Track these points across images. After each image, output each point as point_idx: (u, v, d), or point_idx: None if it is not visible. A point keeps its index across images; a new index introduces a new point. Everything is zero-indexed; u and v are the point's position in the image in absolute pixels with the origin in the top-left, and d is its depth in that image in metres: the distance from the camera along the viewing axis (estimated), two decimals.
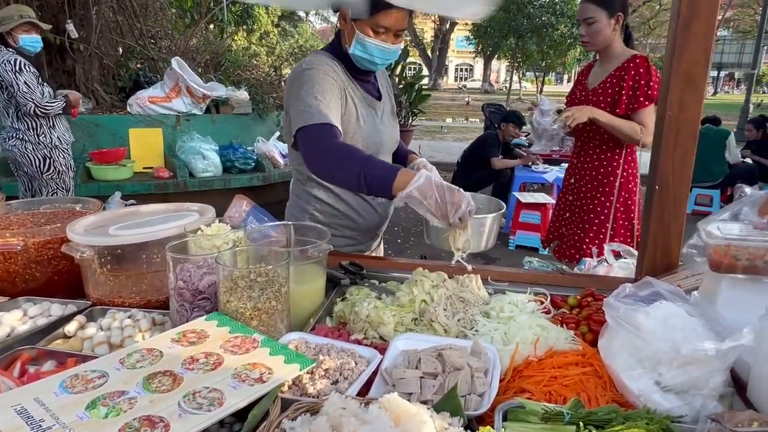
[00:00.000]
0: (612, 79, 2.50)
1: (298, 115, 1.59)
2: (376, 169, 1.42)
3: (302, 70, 1.65)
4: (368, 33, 1.60)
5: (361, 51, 1.63)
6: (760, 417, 0.84)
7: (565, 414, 0.83)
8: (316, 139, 1.54)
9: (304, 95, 1.59)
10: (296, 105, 1.61)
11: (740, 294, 1.11)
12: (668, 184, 1.35)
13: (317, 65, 1.64)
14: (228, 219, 1.50)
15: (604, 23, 2.38)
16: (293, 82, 1.66)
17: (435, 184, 1.31)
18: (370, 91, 1.81)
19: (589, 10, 2.39)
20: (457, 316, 1.29)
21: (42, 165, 3.97)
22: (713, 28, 1.27)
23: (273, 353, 1.00)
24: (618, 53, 2.51)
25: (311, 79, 1.61)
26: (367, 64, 1.68)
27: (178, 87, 5.21)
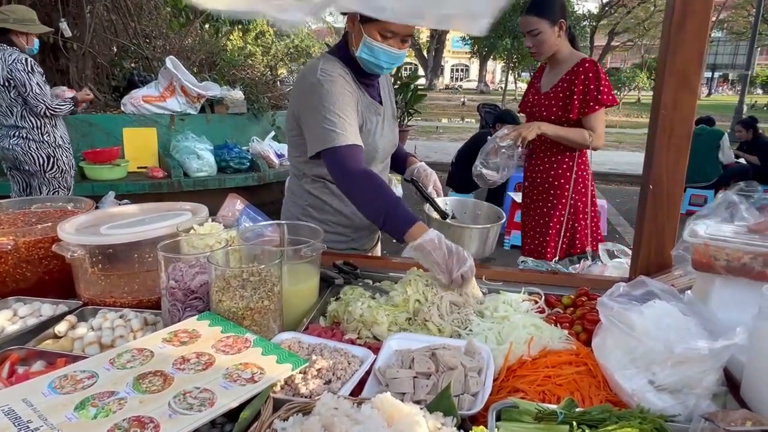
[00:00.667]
0: (563, 83, 2.52)
1: (322, 132, 1.58)
2: (397, 216, 1.47)
3: (318, 82, 1.61)
4: (376, 37, 1.59)
5: (368, 54, 1.62)
6: (754, 416, 0.84)
7: (558, 413, 0.83)
8: (347, 161, 1.57)
9: (326, 112, 1.58)
10: (317, 120, 1.60)
11: (733, 293, 1.11)
12: (662, 183, 1.35)
13: (334, 77, 1.63)
14: (221, 218, 1.49)
15: (548, 33, 2.41)
16: (310, 93, 1.63)
17: (444, 242, 1.36)
18: (374, 96, 1.80)
19: (531, 23, 2.41)
20: (451, 315, 1.28)
21: (45, 163, 3.96)
22: (707, 27, 1.27)
23: (265, 353, 0.99)
24: (566, 57, 2.54)
25: (331, 93, 1.60)
26: (374, 68, 1.67)
27: (172, 86, 5.18)
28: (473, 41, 26.80)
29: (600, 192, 9.24)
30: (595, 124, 2.50)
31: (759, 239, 1.07)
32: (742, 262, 1.10)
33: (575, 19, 24.13)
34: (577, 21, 24.36)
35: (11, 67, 3.71)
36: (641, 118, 25.07)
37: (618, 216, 7.50)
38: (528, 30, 2.43)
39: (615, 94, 2.50)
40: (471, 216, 1.87)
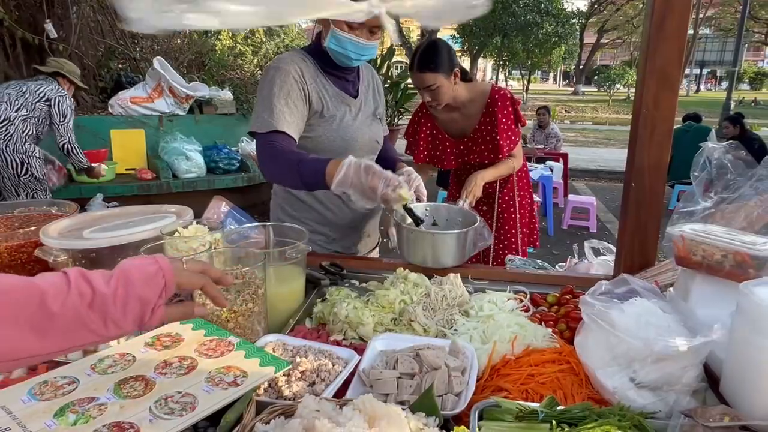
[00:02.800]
0: (484, 125, 2.43)
1: (255, 115, 1.67)
2: (308, 170, 1.52)
3: (269, 68, 1.70)
4: (343, 28, 1.61)
5: (336, 45, 1.65)
6: (732, 412, 0.85)
7: (539, 412, 0.84)
8: (265, 148, 1.64)
9: (263, 97, 1.65)
10: (256, 104, 1.69)
11: (713, 289, 1.12)
12: (644, 180, 1.37)
13: (283, 64, 1.68)
14: (206, 221, 1.48)
15: (445, 84, 2.30)
16: (261, 78, 1.73)
17: (354, 171, 1.42)
18: (346, 89, 1.80)
19: (427, 79, 2.28)
20: (436, 315, 1.28)
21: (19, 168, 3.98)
22: (686, 26, 1.28)
23: (248, 356, 0.99)
24: (468, 97, 2.42)
25: (273, 80, 1.65)
26: (343, 59, 1.69)
27: (160, 87, 5.15)
28: (464, 40, 26.85)
29: (589, 189, 9.31)
30: (516, 150, 2.50)
31: (733, 236, 1.08)
32: (715, 259, 1.11)
33: (564, 17, 24.24)
34: (566, 18, 24.46)
35: (59, 96, 4.14)
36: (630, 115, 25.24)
37: (607, 213, 7.55)
38: (425, 86, 2.30)
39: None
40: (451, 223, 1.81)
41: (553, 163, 7.26)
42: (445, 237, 1.57)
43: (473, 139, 2.48)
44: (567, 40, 25.58)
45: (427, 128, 2.57)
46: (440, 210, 1.81)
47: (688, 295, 1.15)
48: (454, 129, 2.53)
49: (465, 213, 1.79)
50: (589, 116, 25.23)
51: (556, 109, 22.49)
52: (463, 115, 2.47)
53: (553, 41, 24.17)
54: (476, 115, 2.44)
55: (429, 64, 2.26)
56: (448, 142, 2.55)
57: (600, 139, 16.45)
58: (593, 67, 39.44)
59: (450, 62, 2.29)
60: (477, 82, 2.55)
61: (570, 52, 29.59)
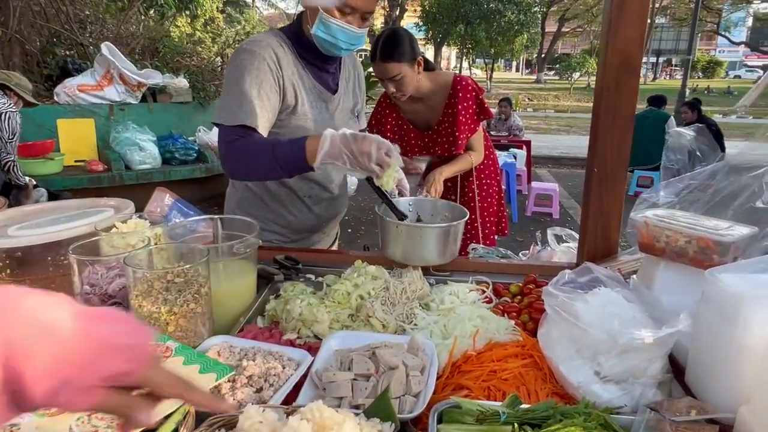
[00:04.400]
0: (446, 117, 2.38)
1: (221, 105, 1.50)
2: (284, 151, 1.38)
3: (241, 50, 1.52)
4: (333, 13, 1.45)
5: (324, 32, 1.48)
6: (698, 404, 0.82)
7: (501, 413, 0.78)
8: (230, 142, 1.47)
9: (231, 84, 1.48)
10: (223, 91, 1.52)
11: (676, 277, 1.09)
12: (606, 165, 1.33)
13: (257, 48, 1.50)
14: (147, 214, 1.38)
15: (409, 74, 2.22)
16: (230, 61, 1.54)
17: (341, 140, 1.30)
18: (325, 83, 1.66)
19: (392, 70, 2.19)
20: (395, 310, 1.22)
21: None
22: (647, 6, 1.24)
23: (187, 362, 0.90)
24: (431, 87, 2.36)
25: (243, 65, 1.48)
26: (331, 48, 1.53)
27: (109, 74, 4.90)
28: (428, 27, 26.79)
29: (552, 176, 9.44)
30: (476, 144, 2.44)
31: (696, 221, 1.05)
32: (678, 245, 1.08)
33: (526, 5, 24.46)
34: (528, 7, 24.69)
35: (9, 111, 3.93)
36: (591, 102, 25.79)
37: (570, 199, 7.66)
38: (389, 77, 2.22)
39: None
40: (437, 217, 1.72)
41: (516, 151, 7.31)
42: (432, 231, 1.43)
43: (438, 132, 2.42)
44: (529, 28, 25.84)
45: (392, 119, 2.49)
46: (424, 204, 1.72)
47: (652, 282, 1.12)
48: (419, 120, 2.46)
49: (452, 207, 1.71)
50: (551, 104, 25.62)
51: (519, 98, 22.75)
52: (426, 106, 2.40)
53: (516, 29, 24.38)
54: (440, 106, 2.37)
55: (392, 53, 2.17)
56: (413, 134, 2.48)
57: (562, 127, 16.73)
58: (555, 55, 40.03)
59: (413, 51, 2.21)
60: (440, 71, 2.46)
61: (532, 40, 29.93)
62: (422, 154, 2.49)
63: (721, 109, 19.69)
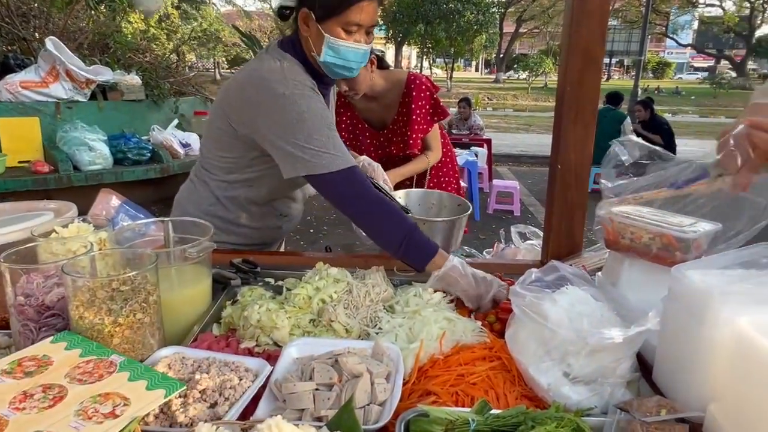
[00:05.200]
0: (401, 116, 2.34)
1: (310, 155, 1.32)
2: (417, 245, 1.31)
3: (291, 95, 1.33)
4: (340, 34, 1.35)
5: (334, 57, 1.38)
6: (667, 403, 0.81)
7: (470, 421, 0.75)
8: (354, 185, 1.34)
9: (311, 131, 1.32)
10: (298, 140, 1.32)
11: (642, 273, 1.09)
12: (570, 162, 1.32)
13: (307, 90, 1.37)
14: (91, 218, 1.28)
15: (362, 73, 2.11)
16: (279, 108, 1.34)
17: (467, 269, 1.26)
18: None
19: None
20: (359, 314, 1.17)
21: None
22: (608, 3, 1.24)
23: (133, 378, 0.83)
24: (385, 85, 2.30)
25: (311, 109, 1.34)
26: (342, 72, 1.43)
27: (55, 70, 4.65)
28: (388, 27, 26.80)
29: (512, 173, 9.58)
30: (433, 143, 2.41)
31: (661, 218, 1.05)
32: (642, 242, 1.07)
33: (485, 6, 24.79)
34: (486, 7, 25.04)
35: None
36: (549, 102, 26.39)
37: (530, 196, 7.78)
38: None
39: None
40: (437, 209, 1.73)
41: (477, 149, 7.37)
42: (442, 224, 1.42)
43: (392, 131, 2.37)
44: (487, 28, 26.19)
45: (347, 118, 2.43)
46: (409, 195, 1.71)
47: (618, 279, 1.11)
48: (374, 119, 2.41)
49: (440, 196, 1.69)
50: (510, 103, 26.06)
51: (479, 96, 23.04)
52: (381, 105, 2.35)
53: (475, 29, 24.68)
54: (394, 104, 2.32)
55: None
56: (368, 133, 2.42)
57: (521, 125, 17.03)
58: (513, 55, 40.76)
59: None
60: (394, 69, 2.41)
61: (491, 40, 30.35)
62: (378, 154, 2.43)
63: (670, 108, 20.50)
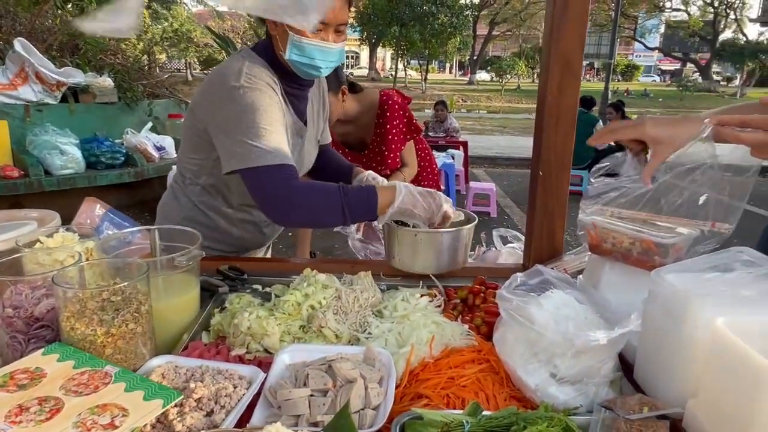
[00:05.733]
0: (377, 137, 2.36)
1: (243, 149, 1.31)
2: (356, 197, 1.35)
3: (242, 88, 1.34)
4: (304, 32, 1.35)
5: (299, 55, 1.38)
6: (649, 400, 0.85)
7: (464, 423, 0.78)
8: (278, 182, 1.32)
9: (250, 124, 1.32)
10: (237, 133, 1.32)
11: (621, 277, 1.13)
12: (550, 168, 1.36)
13: (260, 85, 1.36)
14: (76, 227, 1.27)
15: (334, 102, 2.19)
16: (229, 101, 1.35)
17: (415, 192, 1.36)
18: (301, 114, 1.57)
19: None
20: (348, 319, 1.19)
21: None
22: (587, 13, 1.28)
23: (129, 389, 0.83)
24: (359, 109, 2.35)
25: (256, 103, 1.34)
26: (309, 70, 1.43)
27: (24, 72, 4.54)
28: (362, 28, 26.84)
29: (488, 175, 9.70)
30: (409, 158, 2.45)
31: (642, 223, 1.09)
32: (623, 246, 1.12)
33: (458, 8, 25.04)
34: (460, 10, 25.29)
35: None
36: (521, 103, 26.80)
37: (506, 198, 7.90)
38: None
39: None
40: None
41: (454, 151, 7.45)
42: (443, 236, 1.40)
43: (372, 150, 2.40)
44: (461, 31, 26.46)
45: None
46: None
47: (599, 282, 1.16)
48: (353, 141, 2.43)
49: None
50: (484, 105, 26.37)
51: (454, 98, 23.25)
52: (357, 127, 2.37)
53: (449, 32, 24.90)
54: (370, 125, 2.35)
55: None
56: (350, 157, 2.42)
57: (495, 127, 17.25)
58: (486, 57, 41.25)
59: (337, 80, 2.18)
60: (366, 90, 2.41)
61: (464, 42, 30.66)
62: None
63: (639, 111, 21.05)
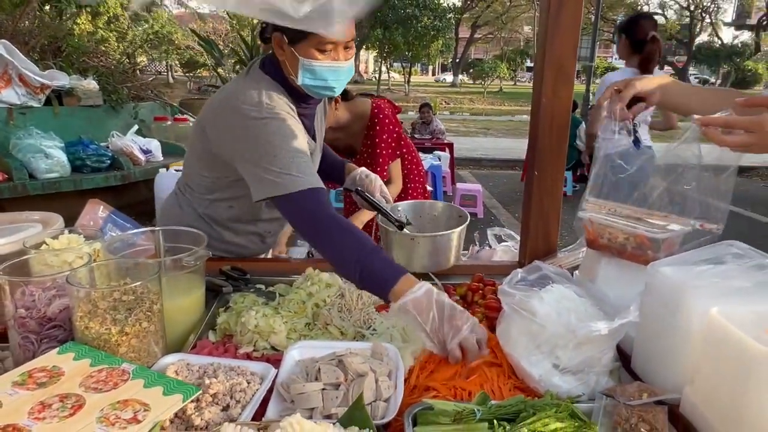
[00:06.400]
0: (366, 147, 2.40)
1: (275, 176, 1.28)
2: (376, 269, 1.16)
3: (263, 119, 1.32)
4: (314, 55, 1.33)
5: (312, 79, 1.36)
6: (647, 387, 0.89)
7: (476, 411, 0.81)
8: (313, 206, 1.28)
9: (277, 152, 1.29)
10: (265, 162, 1.29)
11: (617, 270, 1.18)
12: (546, 168, 1.41)
13: (281, 114, 1.34)
14: (81, 228, 1.28)
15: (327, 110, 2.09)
16: (251, 132, 1.32)
17: (436, 300, 1.07)
18: (309, 130, 1.55)
19: None
20: (353, 316, 1.22)
21: None
22: (580, 17, 1.33)
23: (148, 385, 0.85)
24: (350, 116, 2.35)
25: (280, 132, 1.32)
26: (323, 92, 1.42)
27: (7, 75, 4.47)
28: None
29: (474, 176, 9.79)
30: (394, 175, 2.46)
31: (636, 221, 1.14)
32: (618, 242, 1.17)
33: (441, 11, 25.18)
34: (443, 13, 25.44)
35: None
36: (504, 106, 27.04)
37: (492, 199, 7.98)
38: None
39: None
40: (428, 219, 1.70)
41: (440, 153, 7.51)
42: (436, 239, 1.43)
43: (363, 158, 2.42)
44: (444, 33, 26.62)
45: None
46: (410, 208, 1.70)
47: (595, 277, 1.20)
48: (342, 147, 2.43)
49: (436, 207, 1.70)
50: (467, 107, 26.55)
51: (437, 101, 23.38)
52: (347, 134, 2.39)
53: (432, 35, 25.04)
54: (359, 134, 2.37)
55: None
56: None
57: (479, 129, 17.38)
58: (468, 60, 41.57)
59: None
60: (357, 99, 2.41)
61: (447, 45, 30.84)
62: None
63: None
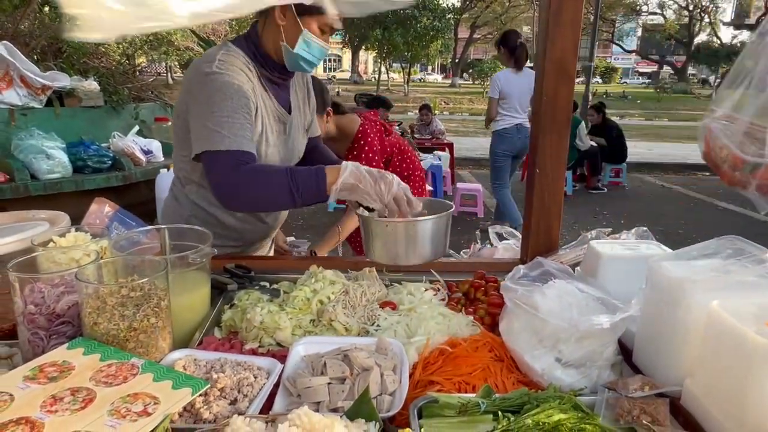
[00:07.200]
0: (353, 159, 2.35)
1: (206, 132, 1.36)
2: (304, 177, 1.33)
3: (212, 73, 1.38)
4: (316, 31, 1.44)
5: (306, 51, 1.45)
6: (649, 381, 0.91)
7: (480, 403, 0.82)
8: (229, 168, 1.35)
9: (214, 108, 1.36)
10: (203, 117, 1.37)
11: (617, 268, 1.19)
12: (546, 166, 1.43)
13: (230, 71, 1.40)
14: (87, 226, 1.29)
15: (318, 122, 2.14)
16: (200, 85, 1.40)
17: (365, 168, 1.31)
18: (284, 101, 1.61)
19: None
20: (357, 313, 1.24)
21: None
22: (580, 16, 1.35)
23: (157, 379, 0.87)
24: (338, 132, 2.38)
25: (223, 89, 1.38)
26: (305, 65, 1.51)
27: (8, 76, 4.48)
28: (345, 31, 26.87)
29: (473, 176, 9.80)
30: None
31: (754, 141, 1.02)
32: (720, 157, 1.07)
33: (440, 11, 25.22)
34: (442, 13, 25.47)
35: None
36: None
37: (491, 198, 7.96)
38: None
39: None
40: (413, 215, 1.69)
41: (440, 153, 7.53)
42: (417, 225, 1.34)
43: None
44: (443, 34, 26.66)
45: None
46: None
47: (596, 273, 1.21)
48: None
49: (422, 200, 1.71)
50: (466, 107, 26.58)
51: (437, 101, 23.40)
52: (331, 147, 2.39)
53: (431, 35, 25.08)
54: (342, 149, 2.36)
55: None
56: None
57: (479, 129, 17.40)
58: (467, 60, 41.59)
59: (323, 103, 2.20)
60: (347, 116, 2.42)
61: (446, 45, 30.88)
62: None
63: (618, 112, 21.46)
